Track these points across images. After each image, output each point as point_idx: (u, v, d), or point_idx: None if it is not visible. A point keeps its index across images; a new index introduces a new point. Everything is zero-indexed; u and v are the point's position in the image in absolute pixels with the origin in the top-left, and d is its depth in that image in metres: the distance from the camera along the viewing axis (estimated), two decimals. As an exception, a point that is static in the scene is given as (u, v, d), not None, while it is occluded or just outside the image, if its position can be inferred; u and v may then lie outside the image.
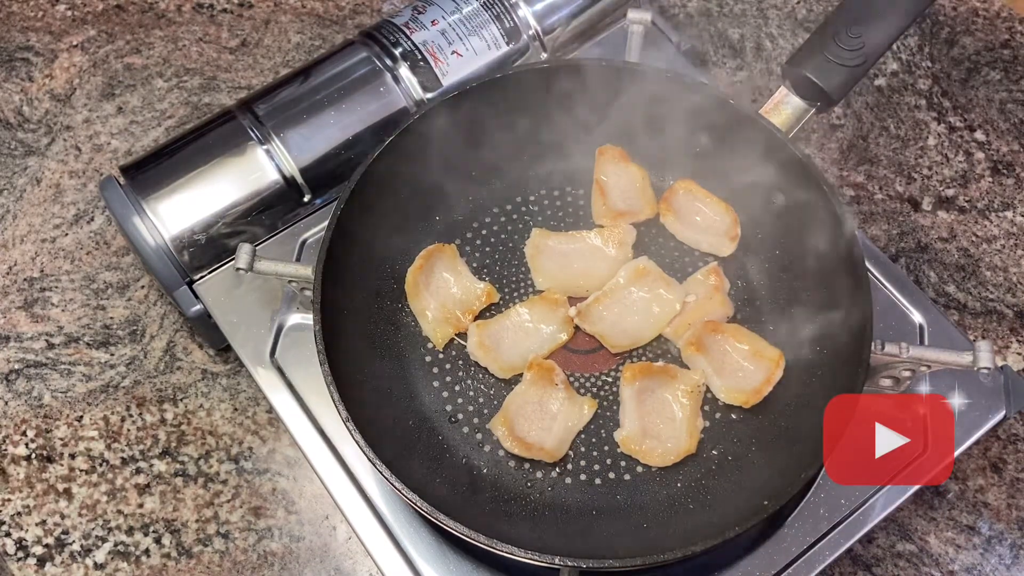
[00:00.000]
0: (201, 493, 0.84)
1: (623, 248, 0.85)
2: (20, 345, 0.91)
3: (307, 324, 0.82)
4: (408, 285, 0.83)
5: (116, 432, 0.87)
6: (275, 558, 0.82)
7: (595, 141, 0.88)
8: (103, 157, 1.00)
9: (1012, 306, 0.94)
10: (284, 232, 0.86)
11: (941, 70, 1.07)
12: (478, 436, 0.79)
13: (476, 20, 0.89)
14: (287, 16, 1.10)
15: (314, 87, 0.86)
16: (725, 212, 0.86)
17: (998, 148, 1.03)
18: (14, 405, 0.88)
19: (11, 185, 0.99)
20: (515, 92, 0.84)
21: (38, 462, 0.86)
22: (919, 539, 0.84)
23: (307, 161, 0.85)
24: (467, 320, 0.82)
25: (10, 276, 0.94)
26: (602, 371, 0.81)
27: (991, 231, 0.98)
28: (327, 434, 0.79)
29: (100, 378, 0.89)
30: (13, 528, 0.83)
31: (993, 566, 0.83)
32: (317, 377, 0.72)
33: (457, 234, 0.87)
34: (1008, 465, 0.87)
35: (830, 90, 0.80)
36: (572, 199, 0.89)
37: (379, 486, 0.77)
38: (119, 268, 0.95)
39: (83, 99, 1.04)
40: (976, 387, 0.80)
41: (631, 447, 0.77)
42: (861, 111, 1.05)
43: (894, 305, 0.84)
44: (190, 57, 1.06)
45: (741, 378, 0.79)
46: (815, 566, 0.74)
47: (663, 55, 0.96)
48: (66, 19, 1.09)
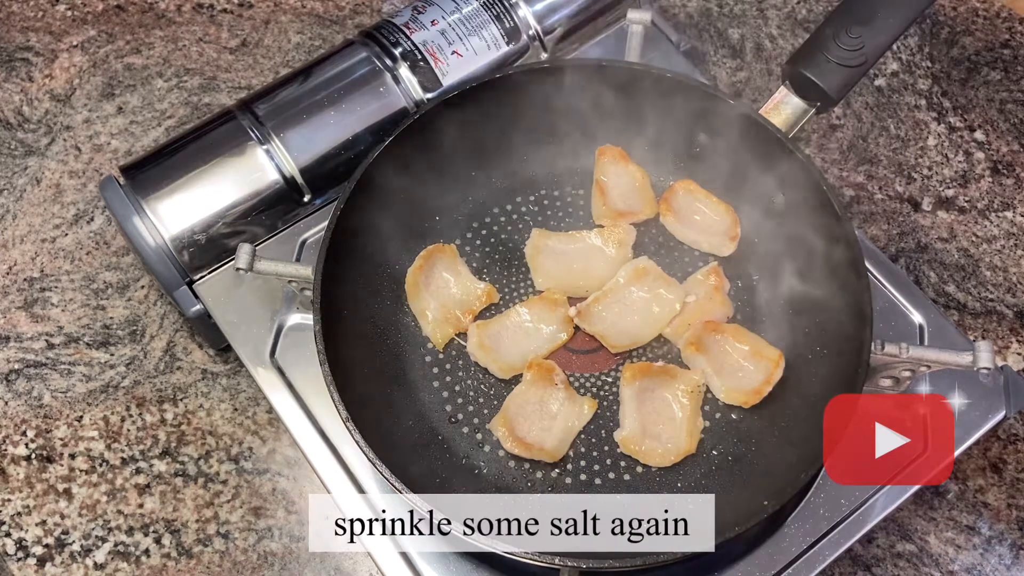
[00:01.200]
0: (201, 493, 0.84)
1: (623, 248, 0.85)
2: (20, 345, 0.91)
3: (307, 324, 0.82)
4: (408, 285, 0.83)
5: (116, 432, 0.87)
6: (275, 558, 0.82)
7: (595, 141, 0.88)
8: (103, 157, 1.00)
9: (1012, 306, 0.94)
10: (284, 232, 0.86)
11: (941, 70, 1.07)
12: (478, 436, 0.79)
13: (476, 20, 0.89)
14: (287, 16, 1.10)
15: (314, 87, 0.86)
16: (725, 212, 0.86)
17: (998, 148, 1.03)
18: (14, 405, 0.88)
19: (11, 185, 0.99)
20: (515, 92, 0.84)
21: (38, 462, 0.86)
22: (919, 539, 0.84)
23: (307, 161, 0.85)
24: (467, 320, 0.82)
25: (10, 276, 0.94)
26: (602, 371, 0.81)
27: (991, 231, 0.98)
28: (327, 434, 0.79)
29: (100, 378, 0.89)
30: (13, 528, 0.83)
31: (993, 566, 0.83)
32: (317, 377, 0.72)
33: (457, 234, 0.87)
34: (1008, 465, 0.87)
35: (830, 90, 0.80)
36: (572, 199, 0.89)
37: (379, 486, 0.77)
38: (119, 268, 0.95)
39: (83, 99, 1.04)
40: (976, 387, 0.80)
41: (631, 447, 0.77)
42: (861, 111, 1.05)
43: (894, 305, 0.84)
44: (190, 57, 1.06)
45: (741, 378, 0.79)
46: (815, 566, 0.74)
47: (663, 55, 0.96)
48: (66, 19, 1.09)
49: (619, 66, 0.84)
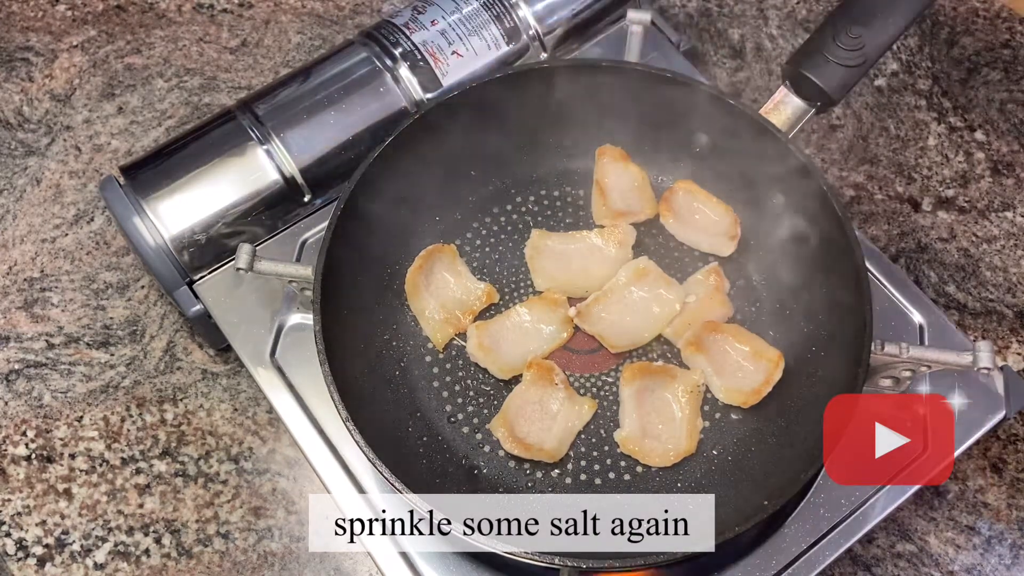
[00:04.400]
0: (201, 493, 0.84)
1: (623, 248, 0.85)
2: (20, 345, 0.91)
3: (307, 324, 0.82)
4: (408, 285, 0.83)
5: (116, 432, 0.87)
6: (275, 558, 0.82)
7: (595, 141, 0.88)
8: (103, 157, 1.00)
9: (1012, 306, 0.94)
10: (284, 232, 0.86)
11: (941, 70, 1.07)
12: (478, 436, 0.79)
13: (476, 20, 0.89)
14: (287, 16, 1.10)
15: (314, 87, 0.86)
16: (725, 212, 0.86)
17: (998, 148, 1.03)
18: (14, 405, 0.88)
19: (11, 185, 0.99)
20: (515, 92, 0.84)
21: (38, 462, 0.86)
22: (919, 539, 0.84)
23: (307, 161, 0.85)
24: (467, 320, 0.82)
25: (10, 276, 0.94)
26: (602, 371, 0.81)
27: (991, 231, 0.98)
28: (327, 434, 0.79)
29: (100, 378, 0.89)
30: (13, 528, 0.83)
31: (993, 566, 0.83)
32: (317, 377, 0.72)
33: (457, 234, 0.87)
34: (1008, 465, 0.87)
35: (830, 90, 0.80)
36: (572, 199, 0.89)
37: (379, 486, 0.77)
38: (119, 268, 0.95)
39: (83, 99, 1.04)
40: (976, 387, 0.80)
41: (631, 447, 0.77)
42: (861, 111, 1.05)
43: (894, 305, 0.84)
44: (190, 57, 1.06)
45: (741, 378, 0.79)
46: (815, 566, 0.74)
47: (663, 55, 0.96)
48: (66, 19, 1.09)
49: (619, 66, 0.84)
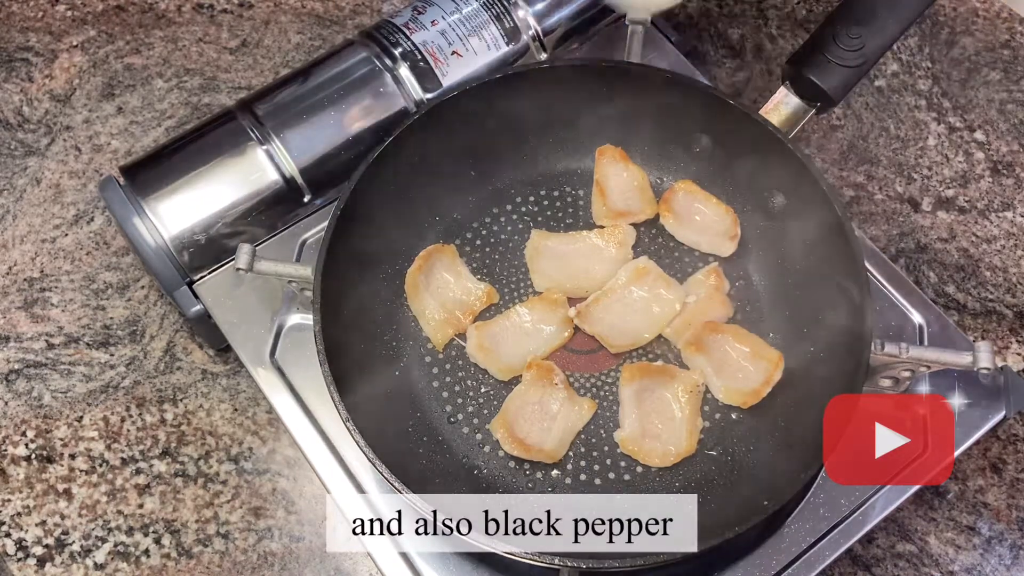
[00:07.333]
0: (201, 493, 0.84)
1: (623, 248, 0.85)
2: (20, 345, 0.91)
3: (307, 324, 0.82)
4: (408, 285, 0.83)
5: (116, 432, 0.87)
6: (275, 558, 0.82)
7: (595, 141, 0.88)
8: (103, 157, 1.00)
9: (1012, 306, 0.94)
10: (284, 232, 0.86)
11: (941, 70, 1.07)
12: (478, 436, 0.79)
13: (476, 20, 0.89)
14: (287, 16, 1.10)
15: (314, 87, 0.86)
16: (725, 212, 0.86)
17: (998, 148, 1.03)
18: (14, 405, 0.88)
19: (11, 185, 0.99)
20: (515, 92, 0.84)
21: (38, 462, 0.86)
22: (919, 539, 0.84)
23: (307, 161, 0.85)
24: (467, 321, 0.82)
25: (10, 276, 0.94)
26: (602, 371, 0.81)
27: (991, 231, 0.98)
28: (327, 434, 0.79)
29: (100, 378, 0.89)
30: (13, 528, 0.83)
31: (993, 566, 0.83)
32: (317, 377, 0.72)
33: (457, 234, 0.87)
34: (1008, 465, 0.87)
35: (830, 90, 0.80)
36: (572, 199, 0.89)
37: (379, 486, 0.77)
38: (119, 268, 0.95)
39: (83, 99, 1.04)
40: (976, 387, 0.80)
41: (631, 447, 0.77)
42: (861, 111, 1.05)
43: (894, 305, 0.84)
44: (190, 57, 1.06)
45: (741, 379, 0.79)
46: (815, 566, 0.74)
47: (663, 55, 0.96)
48: (66, 19, 1.09)
49: (619, 66, 0.84)
